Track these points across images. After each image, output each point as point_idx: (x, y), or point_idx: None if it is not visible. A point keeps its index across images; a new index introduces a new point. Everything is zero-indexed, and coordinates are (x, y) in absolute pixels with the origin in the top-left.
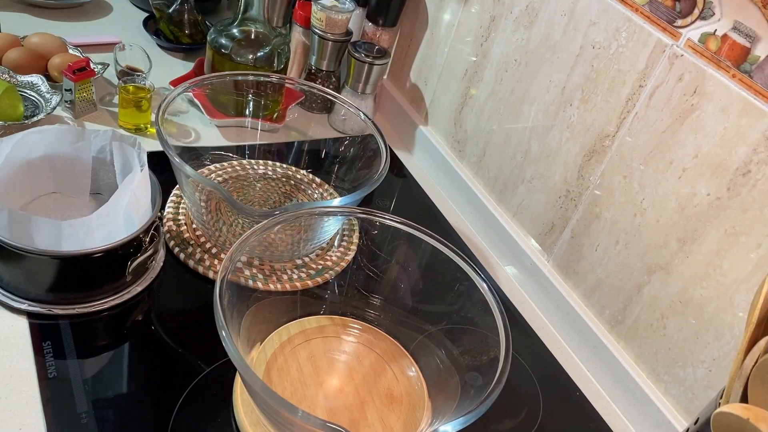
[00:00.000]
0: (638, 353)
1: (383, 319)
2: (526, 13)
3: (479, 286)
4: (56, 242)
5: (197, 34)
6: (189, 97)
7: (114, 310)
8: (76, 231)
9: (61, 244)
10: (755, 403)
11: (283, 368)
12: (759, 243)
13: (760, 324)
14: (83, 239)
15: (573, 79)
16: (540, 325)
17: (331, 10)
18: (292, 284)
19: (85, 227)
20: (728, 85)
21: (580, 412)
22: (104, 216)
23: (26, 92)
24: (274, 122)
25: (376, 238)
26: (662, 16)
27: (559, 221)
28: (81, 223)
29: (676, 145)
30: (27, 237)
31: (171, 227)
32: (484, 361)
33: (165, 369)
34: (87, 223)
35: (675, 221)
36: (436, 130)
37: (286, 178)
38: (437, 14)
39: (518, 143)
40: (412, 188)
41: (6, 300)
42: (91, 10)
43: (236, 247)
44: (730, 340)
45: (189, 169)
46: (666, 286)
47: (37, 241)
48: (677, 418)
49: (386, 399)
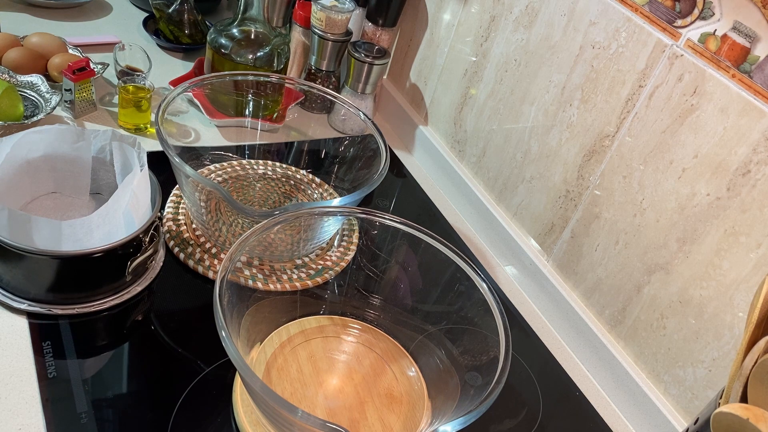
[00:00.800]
0: (638, 353)
1: (383, 319)
2: (526, 13)
3: (479, 286)
4: (56, 242)
5: (197, 34)
6: (189, 97)
7: (114, 310)
8: (76, 231)
9: (60, 244)
10: (755, 403)
11: (283, 368)
12: (759, 243)
13: (759, 324)
14: (83, 239)
15: (573, 79)
16: (540, 325)
17: (331, 10)
18: (292, 284)
19: (85, 227)
20: (728, 85)
21: (580, 412)
22: (104, 216)
23: (26, 92)
24: (273, 122)
25: (376, 238)
26: (662, 16)
27: (559, 221)
28: (81, 222)
29: (676, 145)
30: (27, 237)
31: (171, 227)
32: (483, 361)
33: (165, 369)
34: (87, 222)
35: (675, 221)
36: (435, 130)
37: (286, 178)
38: (437, 14)
39: (518, 143)
40: (411, 188)
41: (6, 300)
42: (91, 10)
43: (236, 247)
44: (730, 340)
45: (189, 169)
46: (666, 286)
47: (36, 241)
48: (677, 418)
49: (386, 399)
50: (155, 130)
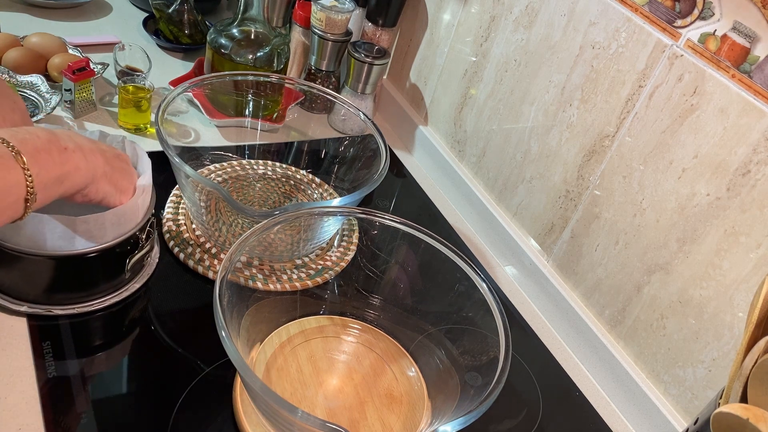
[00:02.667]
0: (638, 353)
1: (383, 319)
2: (526, 13)
3: (479, 286)
4: (70, 240)
5: (197, 34)
6: (189, 97)
7: (113, 308)
8: (90, 227)
9: (74, 243)
10: (755, 403)
11: (283, 368)
12: (759, 243)
13: (759, 324)
14: (96, 236)
15: (573, 80)
16: (540, 325)
17: (331, 10)
18: (292, 284)
19: (98, 224)
20: (728, 85)
21: (579, 412)
22: (120, 215)
23: (26, 92)
24: (273, 122)
25: (375, 238)
26: (662, 17)
27: (559, 221)
28: (95, 219)
29: (676, 145)
30: (41, 237)
31: (171, 227)
32: (483, 361)
33: (165, 369)
34: (101, 219)
35: (675, 221)
36: (435, 130)
37: (286, 178)
38: (437, 14)
39: (518, 143)
40: (411, 188)
41: (5, 303)
42: (91, 10)
43: (236, 247)
44: (730, 340)
45: (189, 169)
46: (666, 286)
47: (50, 241)
48: (677, 418)
49: (386, 399)
50: (155, 130)
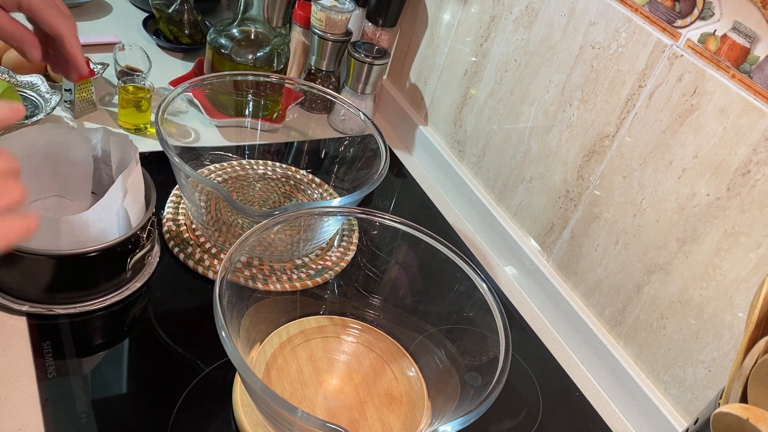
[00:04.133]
0: (638, 353)
1: (383, 319)
2: (526, 13)
3: (479, 286)
4: (54, 240)
5: (197, 34)
6: (189, 97)
7: (114, 307)
8: (73, 227)
9: (58, 242)
10: (755, 403)
11: (283, 368)
12: (759, 243)
13: (759, 324)
14: (80, 236)
15: (573, 80)
16: (540, 325)
17: (331, 10)
18: (292, 284)
19: (81, 223)
20: (728, 85)
21: (579, 412)
22: (99, 212)
23: (26, 92)
24: (273, 122)
25: (375, 238)
26: (662, 17)
27: (559, 221)
28: (77, 219)
29: (676, 145)
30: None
31: (171, 227)
32: (483, 361)
33: (165, 369)
34: (83, 219)
35: (675, 221)
36: (435, 130)
37: (286, 178)
38: (437, 14)
39: (518, 143)
40: (411, 188)
41: (6, 303)
42: (91, 10)
43: (236, 247)
44: (730, 340)
45: (189, 169)
46: (665, 287)
47: (33, 240)
48: (677, 418)
49: (386, 399)
50: (155, 130)
